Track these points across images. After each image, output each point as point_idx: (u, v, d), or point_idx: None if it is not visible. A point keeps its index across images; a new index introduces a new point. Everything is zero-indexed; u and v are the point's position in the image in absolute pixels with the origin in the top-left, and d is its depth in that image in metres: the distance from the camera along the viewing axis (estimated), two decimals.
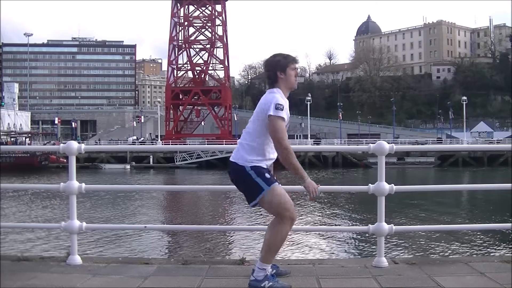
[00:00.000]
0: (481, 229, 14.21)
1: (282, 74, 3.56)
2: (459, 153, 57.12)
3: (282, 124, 3.43)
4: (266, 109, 3.45)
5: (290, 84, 3.59)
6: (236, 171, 3.53)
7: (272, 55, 3.66)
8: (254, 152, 3.50)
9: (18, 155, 50.47)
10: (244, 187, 3.54)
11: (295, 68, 3.62)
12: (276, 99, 3.45)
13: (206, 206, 23.07)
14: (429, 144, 63.54)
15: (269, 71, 3.60)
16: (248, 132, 3.57)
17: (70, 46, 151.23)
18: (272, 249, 3.51)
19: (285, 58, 3.59)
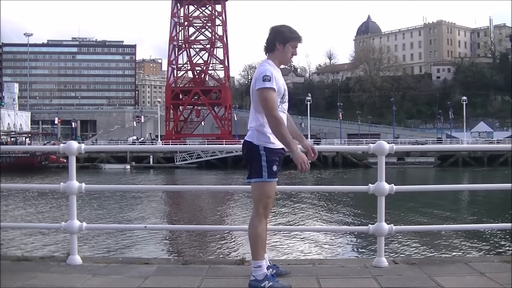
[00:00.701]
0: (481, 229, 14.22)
1: (280, 46, 3.53)
2: (459, 153, 57.11)
3: (270, 94, 3.39)
4: (255, 81, 3.45)
5: (284, 59, 3.58)
6: (249, 148, 3.55)
7: (280, 24, 3.61)
8: (264, 132, 3.49)
9: (18, 155, 50.47)
10: (251, 163, 3.55)
11: (296, 47, 3.58)
12: (263, 71, 3.42)
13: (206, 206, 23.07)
14: (429, 144, 63.53)
15: (270, 37, 3.57)
16: (252, 114, 3.58)
17: (70, 46, 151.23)
18: (256, 244, 3.53)
19: (290, 32, 3.55)
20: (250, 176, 3.56)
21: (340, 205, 22.74)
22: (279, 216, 18.42)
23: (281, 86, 3.50)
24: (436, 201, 21.99)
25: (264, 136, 3.50)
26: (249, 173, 3.58)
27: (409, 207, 19.83)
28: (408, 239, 13.33)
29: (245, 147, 3.59)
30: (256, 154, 3.50)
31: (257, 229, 3.54)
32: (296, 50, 3.59)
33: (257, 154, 3.49)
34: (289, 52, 3.56)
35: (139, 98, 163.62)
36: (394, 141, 55.53)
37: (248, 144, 3.55)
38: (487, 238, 13.77)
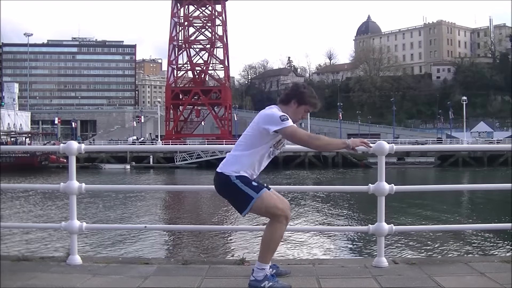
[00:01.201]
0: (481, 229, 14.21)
1: (295, 104, 3.55)
2: (459, 153, 57.11)
3: (297, 129, 3.43)
4: (264, 124, 3.42)
5: (294, 117, 3.55)
6: (221, 182, 3.51)
7: (304, 85, 3.65)
8: (242, 163, 3.48)
9: (18, 155, 50.45)
10: (232, 197, 3.52)
11: (309, 111, 3.62)
12: (277, 113, 3.44)
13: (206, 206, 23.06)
14: (429, 144, 63.54)
15: (290, 92, 3.59)
16: (240, 144, 3.56)
17: (70, 46, 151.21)
18: (269, 248, 3.50)
19: (309, 97, 3.57)
20: (242, 209, 3.47)
21: (340, 205, 22.73)
22: None
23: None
24: (436, 201, 22.00)
25: (237, 166, 3.47)
26: (238, 207, 3.50)
27: (409, 207, 19.83)
28: (408, 239, 13.33)
29: (218, 181, 3.54)
30: (230, 184, 3.45)
31: (275, 233, 3.48)
32: (306, 114, 3.63)
33: (231, 183, 3.45)
34: (300, 114, 3.59)
35: (139, 98, 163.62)
36: (394, 141, 55.54)
37: (220, 177, 3.51)
38: (487, 238, 13.76)
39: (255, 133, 3.48)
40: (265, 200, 3.45)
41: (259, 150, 3.49)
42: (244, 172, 3.47)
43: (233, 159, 3.52)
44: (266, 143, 3.49)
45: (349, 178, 44.80)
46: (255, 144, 3.48)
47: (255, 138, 3.49)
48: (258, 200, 3.43)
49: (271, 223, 3.51)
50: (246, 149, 3.51)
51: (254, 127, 3.50)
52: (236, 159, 3.51)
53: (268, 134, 3.43)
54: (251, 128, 3.53)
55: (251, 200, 3.42)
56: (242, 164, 3.48)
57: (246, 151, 3.49)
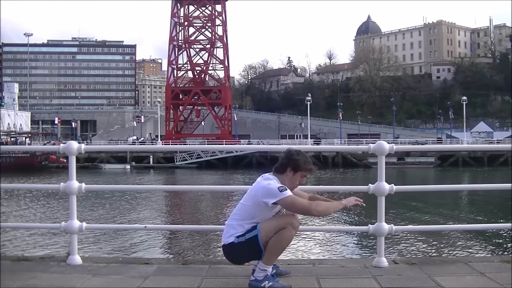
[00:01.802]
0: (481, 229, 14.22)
1: (290, 172, 3.59)
2: (459, 153, 57.10)
3: (294, 199, 3.47)
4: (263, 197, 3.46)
5: (291, 184, 3.60)
6: (230, 251, 3.58)
7: (297, 151, 3.67)
8: (238, 229, 3.55)
9: (18, 155, 50.46)
10: (246, 254, 3.57)
11: (305, 176, 3.66)
12: (275, 184, 3.48)
13: (206, 206, 23.05)
14: (429, 144, 63.53)
15: (284, 161, 3.62)
16: (237, 214, 3.61)
17: (70, 46, 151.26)
18: (275, 252, 3.52)
19: (304, 163, 3.61)
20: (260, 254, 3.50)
21: None
22: None
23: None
24: (436, 201, 21.99)
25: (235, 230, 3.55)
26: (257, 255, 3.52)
27: (409, 207, 19.82)
28: (408, 239, 13.32)
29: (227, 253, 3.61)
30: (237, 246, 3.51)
31: (284, 239, 3.50)
32: (304, 179, 3.67)
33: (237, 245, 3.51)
34: (297, 180, 3.63)
35: (139, 98, 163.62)
36: (394, 141, 55.52)
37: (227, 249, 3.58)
38: (487, 238, 13.76)
39: (254, 206, 3.52)
40: (266, 226, 3.49)
41: (258, 221, 3.53)
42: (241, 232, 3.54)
43: (231, 228, 3.58)
44: (265, 214, 3.53)
45: (349, 178, 44.79)
46: (254, 215, 3.54)
47: (253, 210, 3.53)
48: (260, 231, 3.47)
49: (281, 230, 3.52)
50: (243, 219, 3.56)
51: (252, 200, 3.53)
52: (234, 227, 3.57)
53: (267, 206, 3.47)
54: (249, 199, 3.57)
55: (256, 237, 3.46)
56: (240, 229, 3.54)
57: (245, 221, 3.55)
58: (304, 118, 77.93)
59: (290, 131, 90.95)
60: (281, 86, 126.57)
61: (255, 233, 3.47)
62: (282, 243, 3.50)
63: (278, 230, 3.48)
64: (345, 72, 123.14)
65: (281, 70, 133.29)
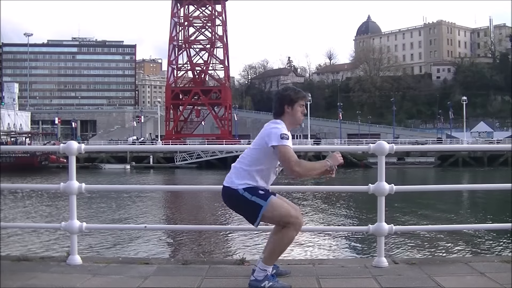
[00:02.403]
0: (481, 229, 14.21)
1: (289, 108, 3.57)
2: (459, 153, 57.11)
3: (288, 151, 3.42)
4: (268, 139, 3.43)
5: (296, 120, 3.60)
6: (230, 196, 3.52)
7: (283, 88, 3.68)
8: (246, 177, 3.48)
9: (18, 155, 50.47)
10: (242, 209, 3.53)
11: (303, 105, 3.62)
12: (280, 130, 3.44)
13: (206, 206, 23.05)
14: (429, 144, 63.52)
15: (277, 103, 3.60)
16: (244, 157, 3.57)
17: (70, 46, 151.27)
18: (276, 252, 3.51)
19: (295, 94, 3.59)
20: (253, 220, 3.46)
21: (340, 205, 22.73)
22: None
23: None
24: (436, 201, 21.99)
25: (242, 180, 3.47)
26: (250, 219, 3.49)
27: (409, 207, 19.82)
28: (408, 239, 13.32)
29: (226, 195, 3.54)
30: (239, 197, 3.45)
31: (285, 239, 3.46)
32: (303, 108, 3.64)
33: (239, 196, 3.45)
34: (298, 112, 3.61)
35: (139, 98, 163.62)
36: (394, 141, 55.51)
37: (227, 191, 3.51)
38: (487, 238, 13.76)
39: (261, 149, 3.49)
40: (276, 208, 3.43)
41: (264, 166, 3.50)
42: (249, 185, 3.47)
43: (238, 173, 3.52)
44: (271, 160, 3.50)
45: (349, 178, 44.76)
46: (260, 159, 3.50)
47: (259, 153, 3.50)
48: (268, 207, 3.41)
49: (284, 229, 3.48)
50: (251, 164, 3.51)
51: (259, 143, 3.51)
52: (241, 172, 3.51)
53: (270, 149, 3.44)
54: (256, 143, 3.55)
55: (260, 208, 3.41)
56: (248, 178, 3.48)
57: (252, 167, 3.50)
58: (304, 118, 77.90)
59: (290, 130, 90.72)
60: (281, 86, 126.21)
61: (262, 203, 3.40)
62: (284, 243, 3.48)
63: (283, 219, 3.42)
64: (345, 72, 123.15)
65: (281, 70, 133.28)
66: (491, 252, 12.28)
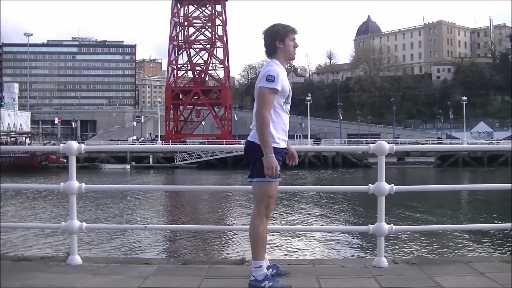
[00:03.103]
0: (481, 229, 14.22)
1: (280, 44, 3.53)
2: (459, 153, 57.10)
3: (267, 94, 3.39)
4: (260, 79, 3.45)
5: (289, 54, 3.57)
6: (252, 149, 3.51)
7: (271, 25, 3.60)
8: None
9: (18, 155, 50.44)
10: (253, 162, 3.52)
11: (294, 39, 3.58)
12: (269, 71, 3.42)
13: (206, 206, 23.07)
14: (429, 144, 63.55)
15: (268, 41, 3.56)
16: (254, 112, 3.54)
17: (70, 46, 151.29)
18: (257, 244, 3.52)
19: (284, 28, 3.55)
20: (252, 175, 3.53)
21: (340, 205, 22.73)
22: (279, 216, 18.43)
23: (286, 88, 3.50)
24: (436, 201, 22.00)
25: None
26: (251, 172, 3.55)
27: (409, 207, 19.83)
28: (408, 239, 13.33)
29: (247, 146, 3.57)
30: (259, 153, 3.44)
31: (258, 229, 3.52)
32: (295, 41, 3.59)
33: (259, 153, 3.43)
34: (290, 46, 3.57)
35: (139, 98, 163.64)
36: (394, 141, 55.51)
37: (250, 144, 3.53)
38: (487, 238, 13.77)
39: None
40: (268, 189, 3.49)
41: (274, 110, 3.47)
42: (273, 143, 3.43)
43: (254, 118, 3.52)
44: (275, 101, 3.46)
45: (349, 178, 44.78)
46: None
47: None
48: (266, 183, 3.46)
49: (253, 219, 3.55)
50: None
51: (257, 89, 3.49)
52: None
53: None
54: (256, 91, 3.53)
55: (262, 177, 3.42)
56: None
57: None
58: (304, 118, 77.90)
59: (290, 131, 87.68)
60: None
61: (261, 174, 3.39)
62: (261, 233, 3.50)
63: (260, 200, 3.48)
64: (345, 72, 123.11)
65: None
66: (491, 252, 12.28)
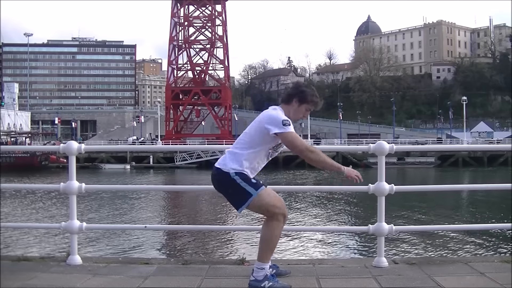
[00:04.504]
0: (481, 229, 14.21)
1: (296, 103, 3.57)
2: (459, 153, 57.10)
3: (294, 135, 3.45)
4: (269, 126, 3.42)
5: (295, 116, 3.59)
6: (220, 177, 3.50)
7: (305, 84, 3.73)
8: (241, 161, 3.47)
9: (18, 155, 50.44)
10: (230, 193, 3.50)
11: (310, 110, 3.63)
12: (280, 116, 3.45)
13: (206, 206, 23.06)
14: (429, 144, 63.52)
15: (292, 91, 3.61)
16: (239, 142, 3.56)
17: (70, 46, 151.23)
18: (268, 247, 3.50)
19: (311, 96, 3.59)
20: (239, 205, 3.45)
21: (340, 205, 22.72)
22: None
23: None
24: (436, 201, 21.99)
25: (236, 164, 3.46)
26: (235, 203, 3.47)
27: (409, 207, 19.82)
28: (408, 239, 13.32)
29: (216, 177, 3.53)
30: (229, 180, 3.44)
31: (274, 231, 3.48)
32: (308, 113, 3.65)
33: (230, 180, 3.43)
34: (301, 113, 3.61)
35: (139, 98, 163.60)
36: (394, 141, 55.51)
37: (218, 172, 3.49)
38: (487, 238, 13.76)
39: (257, 133, 3.49)
40: (263, 198, 3.44)
41: (259, 150, 3.49)
42: (243, 170, 3.46)
43: (232, 156, 3.51)
44: (266, 144, 3.49)
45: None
46: (256, 143, 3.49)
47: (256, 137, 3.49)
48: (256, 197, 3.42)
49: (269, 222, 3.51)
50: (246, 147, 3.50)
51: (256, 126, 3.50)
52: (235, 156, 3.50)
53: (268, 134, 3.43)
54: (253, 127, 3.53)
55: (249, 197, 3.41)
56: (241, 162, 3.47)
57: (246, 150, 3.49)
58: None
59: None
60: (281, 86, 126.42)
61: (252, 192, 3.40)
62: (272, 236, 3.48)
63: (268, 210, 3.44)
64: (345, 72, 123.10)
65: (281, 70, 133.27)
66: (491, 252, 12.27)
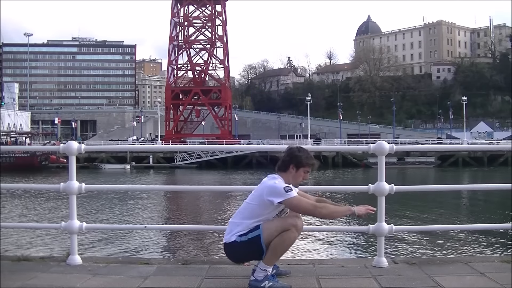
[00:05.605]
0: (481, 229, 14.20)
1: (293, 169, 3.60)
2: (459, 153, 57.11)
3: (300, 200, 3.49)
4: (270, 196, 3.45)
5: (295, 181, 3.63)
6: (231, 250, 3.57)
7: (298, 147, 3.71)
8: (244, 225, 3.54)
9: (18, 155, 50.45)
10: (247, 254, 3.56)
11: (308, 172, 3.66)
12: (281, 184, 3.49)
13: (206, 206, 23.05)
14: (429, 144, 63.53)
15: (286, 158, 3.63)
16: (241, 212, 3.61)
17: (70, 46, 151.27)
18: (277, 253, 3.52)
19: (306, 159, 3.62)
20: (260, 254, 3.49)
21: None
22: None
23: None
24: (436, 201, 21.97)
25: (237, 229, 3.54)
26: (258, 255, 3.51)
27: (409, 207, 19.81)
28: (408, 239, 13.32)
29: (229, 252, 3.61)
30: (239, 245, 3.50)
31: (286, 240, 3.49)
32: (307, 174, 3.67)
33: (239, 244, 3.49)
34: (300, 177, 3.65)
35: (139, 98, 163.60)
36: (394, 141, 55.50)
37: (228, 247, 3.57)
38: (487, 238, 13.75)
39: (259, 204, 3.52)
40: (268, 228, 3.47)
41: (262, 218, 3.53)
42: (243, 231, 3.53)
43: (235, 225, 3.57)
44: (269, 213, 3.53)
45: (349, 178, 44.77)
46: (258, 214, 3.53)
47: (258, 208, 3.53)
48: (263, 232, 3.46)
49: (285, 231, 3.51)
50: (248, 217, 3.54)
51: (258, 198, 3.53)
52: (238, 225, 3.57)
53: (272, 205, 3.47)
54: (254, 199, 3.56)
55: (259, 238, 3.45)
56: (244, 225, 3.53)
57: (249, 220, 3.53)
58: (304, 118, 77.90)
59: (290, 131, 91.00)
60: (281, 86, 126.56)
61: (257, 233, 3.47)
62: (285, 244, 3.49)
63: (282, 231, 3.47)
64: (345, 72, 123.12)
65: (281, 70, 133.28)
66: (491, 252, 12.27)
